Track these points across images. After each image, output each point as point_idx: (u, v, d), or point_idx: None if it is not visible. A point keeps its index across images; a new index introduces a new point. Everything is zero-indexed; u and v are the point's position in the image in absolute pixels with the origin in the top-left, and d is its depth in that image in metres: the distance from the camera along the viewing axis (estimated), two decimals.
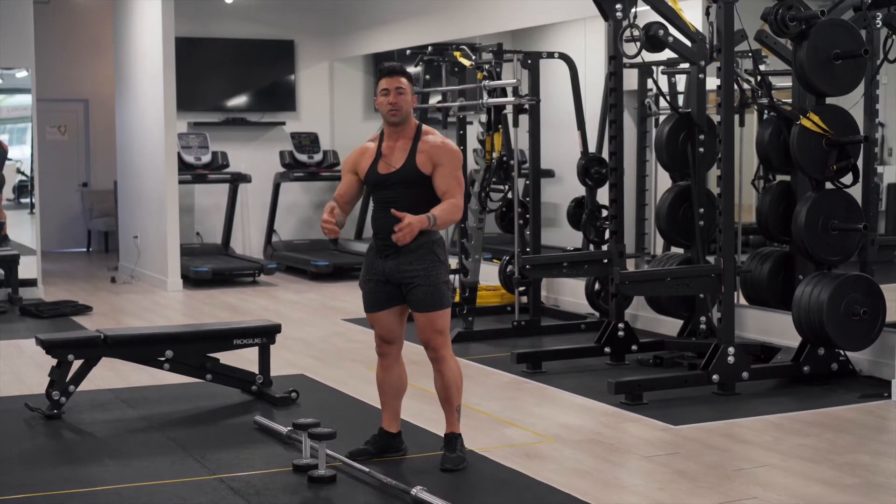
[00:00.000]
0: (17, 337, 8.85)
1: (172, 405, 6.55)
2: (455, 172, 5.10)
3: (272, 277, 12.35)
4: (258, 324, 6.91)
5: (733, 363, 6.57)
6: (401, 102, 5.10)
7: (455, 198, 5.07)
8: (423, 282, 5.06)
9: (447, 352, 5.16)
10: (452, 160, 5.10)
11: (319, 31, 13.82)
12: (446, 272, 5.16)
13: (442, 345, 5.13)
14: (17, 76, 11.49)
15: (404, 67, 5.19)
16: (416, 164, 5.08)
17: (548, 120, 9.23)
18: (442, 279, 5.11)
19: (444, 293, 5.11)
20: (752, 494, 4.83)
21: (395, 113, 5.11)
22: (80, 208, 15.80)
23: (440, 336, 5.12)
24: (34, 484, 5.05)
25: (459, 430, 5.23)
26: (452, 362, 5.17)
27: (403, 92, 5.10)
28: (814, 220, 6.72)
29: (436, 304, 5.09)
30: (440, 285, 5.09)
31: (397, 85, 5.09)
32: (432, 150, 5.10)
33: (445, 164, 5.08)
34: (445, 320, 5.14)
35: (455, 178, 5.09)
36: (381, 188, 5.16)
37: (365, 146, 5.28)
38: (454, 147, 5.17)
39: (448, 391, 5.18)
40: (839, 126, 6.71)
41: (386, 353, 5.26)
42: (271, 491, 4.90)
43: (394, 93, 5.09)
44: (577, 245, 9.58)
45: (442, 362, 5.15)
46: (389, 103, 5.10)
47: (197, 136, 12.72)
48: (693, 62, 7.43)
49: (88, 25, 15.46)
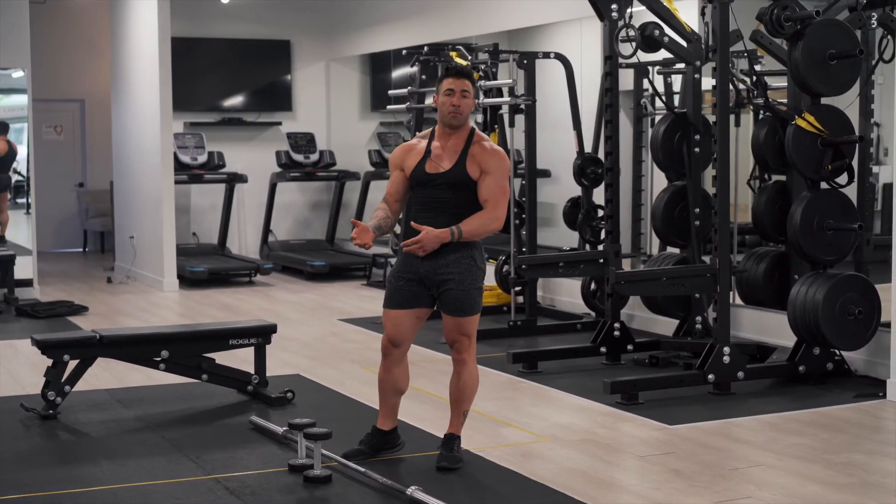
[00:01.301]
0: (12, 337, 8.84)
1: (168, 405, 6.55)
2: (501, 182, 5.09)
3: (268, 277, 12.35)
4: (254, 324, 6.91)
5: (729, 363, 6.58)
6: (464, 106, 5.09)
7: (495, 209, 5.07)
8: (456, 286, 5.06)
9: (469, 356, 5.18)
10: (501, 169, 5.09)
11: (316, 30, 13.82)
12: (481, 279, 5.16)
13: (466, 348, 5.16)
14: (13, 76, 11.49)
15: (472, 71, 5.25)
16: (465, 167, 5.08)
17: (544, 120, 9.23)
18: (476, 285, 5.12)
19: (475, 299, 5.13)
20: (747, 494, 4.83)
21: (457, 115, 5.10)
22: (77, 208, 15.79)
23: (466, 339, 5.15)
24: (30, 484, 5.04)
25: (460, 433, 5.25)
26: (473, 367, 5.20)
27: (468, 95, 5.11)
28: (809, 219, 6.73)
29: (466, 310, 5.10)
30: (473, 291, 5.10)
31: (463, 87, 5.09)
32: (483, 155, 5.09)
33: (493, 173, 5.07)
34: (474, 325, 5.16)
35: (500, 188, 5.08)
36: (425, 187, 5.14)
37: (412, 143, 5.28)
38: (505, 156, 5.16)
39: (462, 393, 5.21)
40: (834, 126, 6.72)
41: (390, 354, 5.24)
42: (267, 491, 4.90)
43: (458, 94, 5.08)
44: (573, 245, 9.59)
45: (462, 364, 5.18)
46: (452, 104, 5.08)
47: (193, 136, 12.72)
48: (689, 62, 7.44)
49: (84, 25, 15.45)
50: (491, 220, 5.06)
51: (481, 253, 5.17)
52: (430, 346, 8.01)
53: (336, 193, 13.59)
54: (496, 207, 5.06)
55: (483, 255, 5.19)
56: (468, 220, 5.03)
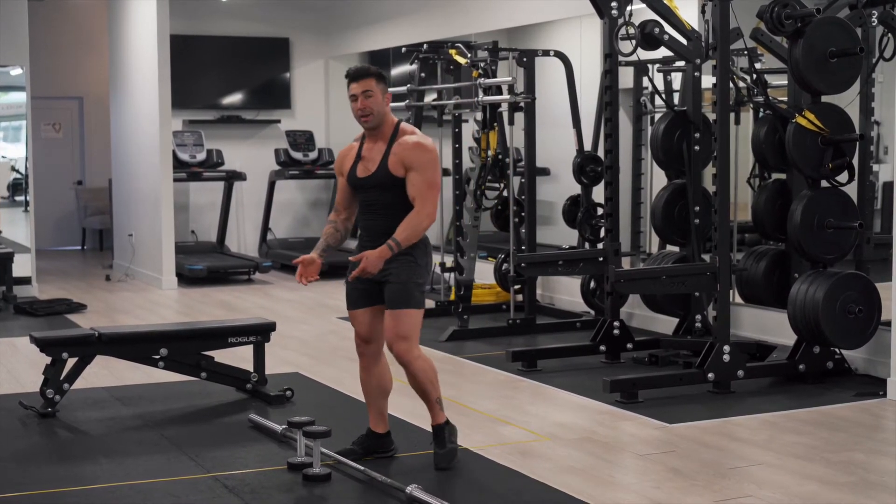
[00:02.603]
0: (11, 335, 8.84)
1: (167, 403, 6.54)
2: (426, 176, 4.98)
3: (267, 275, 12.34)
4: (253, 322, 6.90)
5: (729, 361, 6.57)
6: (371, 105, 5.01)
7: (423, 205, 4.96)
8: (394, 279, 5.01)
9: (411, 356, 5.03)
10: (424, 162, 4.98)
11: (314, 28, 13.80)
12: (421, 275, 5.06)
13: (405, 350, 5.01)
14: (11, 73, 11.47)
15: (371, 68, 5.08)
16: (388, 167, 5.02)
17: (544, 118, 9.21)
18: (414, 280, 5.02)
19: (412, 293, 5.01)
20: (746, 493, 4.82)
21: (367, 118, 5.03)
22: (75, 206, 15.77)
23: (403, 342, 5.01)
24: (28, 482, 5.04)
25: (445, 418, 5.17)
26: (420, 361, 5.06)
27: (372, 94, 5.00)
28: (809, 218, 6.71)
29: (402, 302, 4.99)
30: (409, 284, 5.00)
31: (364, 89, 5.00)
32: (404, 152, 4.99)
33: (416, 168, 4.97)
34: (411, 324, 5.03)
35: (425, 183, 4.97)
36: (360, 191, 5.12)
37: (350, 146, 5.24)
38: (428, 147, 5.03)
39: (423, 388, 5.12)
40: (834, 124, 6.71)
41: (364, 353, 5.21)
42: (266, 489, 4.89)
43: (361, 98, 5.00)
44: (573, 243, 9.58)
45: (408, 366, 5.06)
46: (358, 109, 5.02)
47: (192, 133, 12.70)
48: (689, 60, 7.42)
49: (83, 23, 15.43)
50: (420, 219, 4.95)
51: (424, 251, 5.09)
52: (429, 345, 7.99)
53: (335, 191, 13.55)
54: (424, 204, 4.96)
55: (427, 253, 5.11)
56: (401, 227, 4.96)
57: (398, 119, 5.15)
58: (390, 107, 5.17)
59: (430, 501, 4.58)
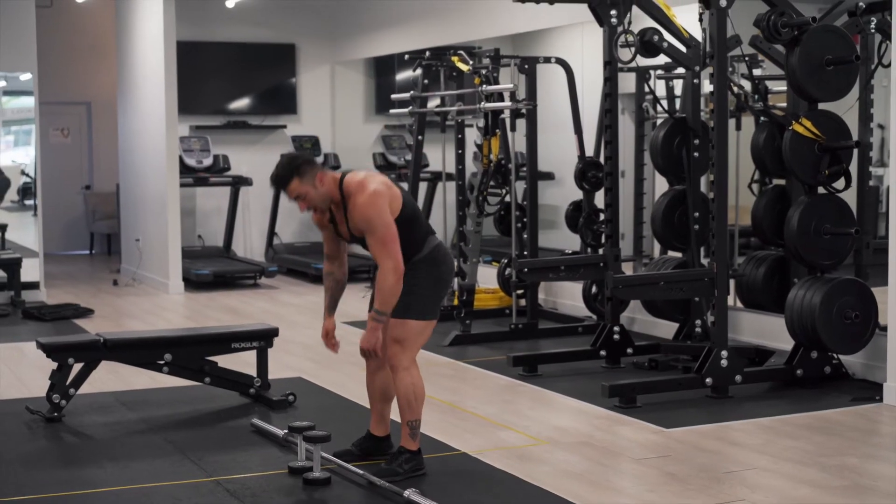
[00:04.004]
0: (18, 340, 8.93)
1: (171, 408, 6.62)
2: (376, 235, 4.93)
3: (273, 280, 12.41)
4: (256, 327, 6.98)
5: (726, 366, 6.63)
6: (310, 201, 5.03)
7: (382, 264, 4.93)
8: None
9: (400, 361, 5.06)
10: (368, 219, 4.93)
11: (320, 34, 13.89)
12: (429, 286, 5.09)
13: (396, 354, 5.06)
14: (20, 79, 11.58)
15: (284, 172, 5.00)
16: (353, 233, 5.09)
17: (548, 123, 9.29)
18: (415, 290, 5.04)
19: (412, 302, 5.04)
20: (740, 496, 4.89)
21: (315, 210, 5.11)
22: (83, 211, 15.88)
23: (396, 345, 5.05)
24: (34, 485, 5.12)
25: (412, 447, 5.14)
26: (406, 375, 5.07)
27: (303, 195, 5.00)
28: (806, 224, 6.78)
29: (399, 311, 5.03)
30: (410, 296, 5.02)
31: (294, 195, 5.02)
32: (356, 219, 5.00)
33: (366, 231, 4.97)
34: (407, 332, 5.05)
35: (377, 243, 4.93)
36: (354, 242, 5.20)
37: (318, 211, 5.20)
38: (368, 200, 4.92)
39: (399, 403, 5.12)
40: (831, 131, 6.77)
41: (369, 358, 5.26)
42: (267, 493, 4.97)
43: (299, 202, 5.05)
44: (576, 248, 9.64)
45: (394, 372, 5.09)
46: (303, 210, 5.10)
47: (198, 139, 12.79)
48: (688, 67, 7.48)
49: (90, 29, 15.54)
50: (385, 278, 4.92)
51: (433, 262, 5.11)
52: (432, 350, 8.07)
53: None
54: (382, 262, 4.93)
55: (437, 263, 5.13)
56: (375, 295, 5.01)
57: (340, 175, 5.08)
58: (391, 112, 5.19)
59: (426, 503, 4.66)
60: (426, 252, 5.12)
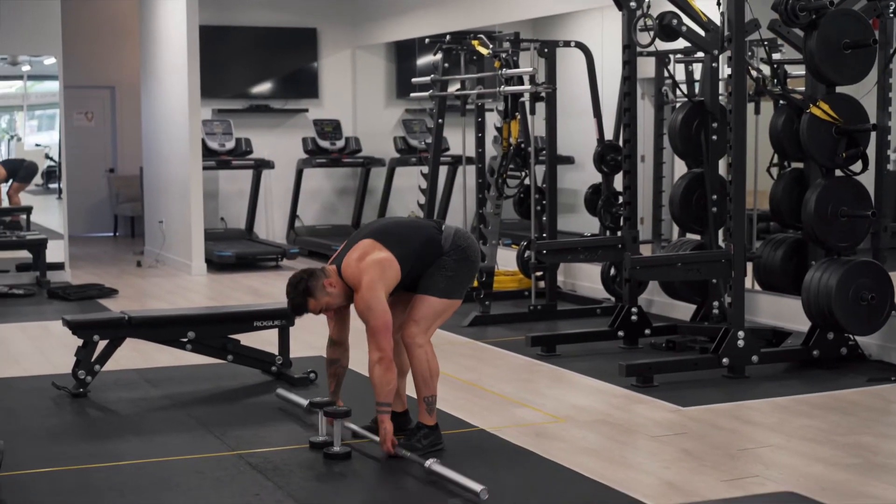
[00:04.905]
0: (44, 318, 9.05)
1: (194, 385, 6.72)
2: (368, 324, 5.02)
3: (294, 262, 12.49)
4: (278, 306, 7.05)
5: (743, 347, 6.69)
6: (331, 306, 5.16)
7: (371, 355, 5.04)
8: (426, 271, 5.17)
9: (416, 337, 5.13)
10: (365, 315, 5.02)
11: (342, 18, 13.95)
12: (455, 268, 5.16)
13: (410, 334, 5.13)
14: (45, 63, 11.69)
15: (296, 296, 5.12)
16: None
17: (569, 107, 9.33)
18: (442, 272, 5.14)
19: (436, 281, 5.13)
20: (754, 473, 4.96)
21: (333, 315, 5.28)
22: (107, 193, 16.02)
23: (413, 325, 5.13)
24: (60, 458, 5.23)
25: (429, 422, 5.24)
26: (421, 352, 5.15)
27: (323, 306, 5.14)
28: (823, 207, 6.82)
29: (423, 288, 5.13)
30: (436, 276, 5.13)
31: (316, 310, 5.16)
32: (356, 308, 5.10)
33: (362, 319, 5.06)
34: (426, 307, 5.15)
35: (369, 332, 5.03)
36: None
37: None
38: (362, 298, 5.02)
39: (414, 380, 5.23)
40: (849, 114, 6.80)
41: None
42: (288, 467, 5.06)
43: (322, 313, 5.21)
44: (594, 231, 9.70)
45: (409, 349, 5.17)
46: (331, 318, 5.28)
47: (221, 122, 12.88)
48: (706, 51, 7.52)
49: (115, 13, 15.65)
50: (372, 374, 5.05)
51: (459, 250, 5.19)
52: (452, 330, 8.15)
53: (362, 180, 13.74)
54: (371, 355, 5.04)
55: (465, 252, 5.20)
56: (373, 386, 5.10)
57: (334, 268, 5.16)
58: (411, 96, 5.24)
59: (449, 474, 4.74)
60: (448, 246, 5.20)
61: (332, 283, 5.13)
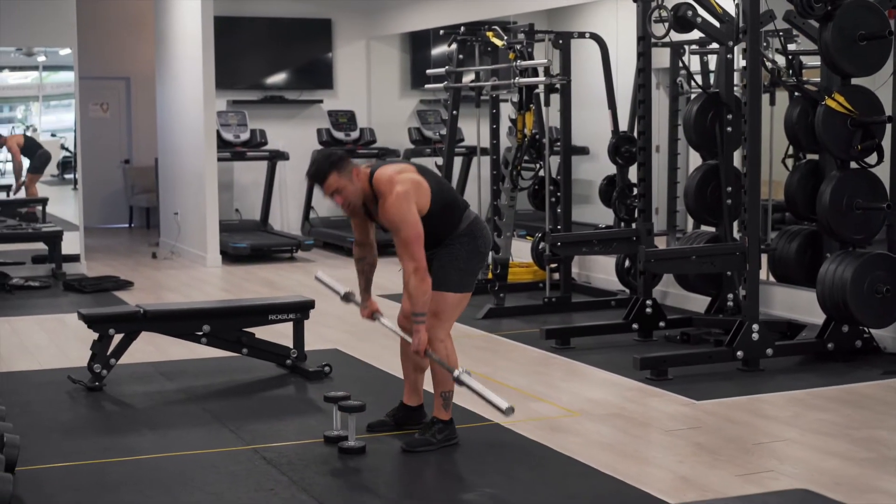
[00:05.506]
0: (60, 311, 9.08)
1: (209, 378, 6.74)
2: (400, 236, 4.97)
3: (309, 253, 12.53)
4: (293, 300, 7.09)
5: (758, 340, 6.67)
6: (347, 196, 5.08)
7: (405, 266, 4.98)
8: (436, 262, 5.16)
9: (435, 335, 5.13)
10: (393, 221, 4.98)
11: (356, 9, 13.94)
12: (465, 259, 5.16)
13: (432, 326, 5.12)
14: (60, 54, 11.72)
15: (323, 167, 5.06)
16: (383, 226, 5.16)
17: (584, 98, 9.31)
18: (455, 264, 5.14)
19: (449, 275, 5.13)
20: (768, 467, 4.96)
21: (350, 207, 5.16)
22: (122, 185, 16.05)
23: (433, 318, 5.12)
24: (76, 452, 5.26)
25: (444, 417, 5.25)
26: (441, 347, 5.16)
27: (341, 189, 5.06)
28: (838, 199, 6.80)
29: (436, 283, 5.11)
30: (447, 268, 5.13)
31: (332, 190, 5.07)
32: (383, 217, 5.05)
33: (391, 229, 5.02)
34: (443, 303, 5.14)
35: (403, 246, 4.97)
36: None
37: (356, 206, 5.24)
38: (396, 205, 4.97)
39: (433, 375, 5.25)
40: (864, 106, 6.78)
41: (406, 328, 5.36)
42: (302, 461, 5.08)
43: (335, 196, 5.10)
44: (609, 222, 9.69)
45: (430, 344, 5.15)
46: (340, 205, 5.14)
47: (236, 113, 12.90)
48: (721, 42, 7.50)
49: (130, 4, 15.65)
50: (408, 284, 4.99)
51: (472, 236, 5.17)
52: (466, 322, 8.15)
53: None
54: (405, 267, 4.98)
55: (475, 237, 5.19)
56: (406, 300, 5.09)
57: (369, 170, 5.13)
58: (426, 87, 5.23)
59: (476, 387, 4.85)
60: (463, 227, 5.21)
61: (359, 177, 5.08)
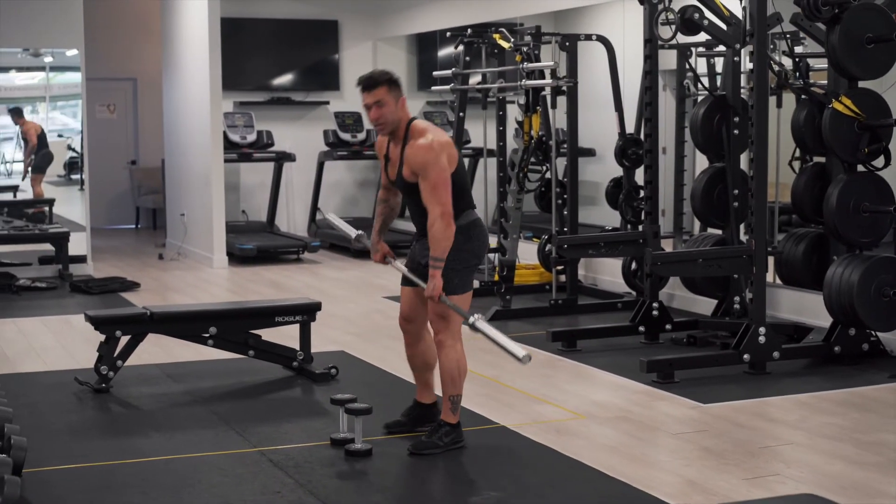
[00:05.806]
0: (67, 312, 9.09)
1: (215, 380, 6.75)
2: (429, 180, 5.00)
3: (316, 255, 12.53)
4: (299, 301, 7.09)
5: (764, 343, 6.67)
6: (385, 114, 5.08)
7: (432, 210, 5.00)
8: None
9: (446, 338, 5.17)
10: (426, 166, 5.00)
11: (363, 11, 13.95)
12: (462, 260, 5.16)
13: (441, 330, 5.16)
14: (67, 55, 11.74)
15: (381, 76, 5.12)
16: (403, 176, 5.14)
17: (590, 100, 9.30)
18: (453, 266, 5.11)
19: (449, 279, 5.11)
20: (775, 471, 4.95)
21: (381, 127, 5.13)
22: (129, 186, 16.07)
23: (441, 321, 5.15)
24: (82, 454, 5.26)
25: (452, 420, 5.25)
26: (452, 351, 5.18)
27: (383, 103, 5.07)
28: (845, 202, 6.79)
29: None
30: (448, 270, 5.10)
31: (376, 99, 5.07)
32: (412, 159, 5.05)
33: (421, 175, 5.02)
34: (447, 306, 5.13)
35: (429, 188, 5.00)
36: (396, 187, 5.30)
37: (383, 141, 5.31)
38: (431, 147, 5.02)
39: (442, 378, 5.24)
40: (871, 109, 6.77)
41: (406, 331, 5.41)
42: (309, 463, 5.08)
43: (374, 108, 5.08)
44: (616, 224, 9.68)
45: (440, 348, 5.20)
46: (372, 119, 5.11)
47: (242, 115, 12.91)
48: (728, 45, 7.49)
49: (137, 6, 15.68)
50: (433, 223, 5.00)
51: (468, 235, 5.17)
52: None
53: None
54: (432, 208, 5.00)
55: (471, 237, 5.19)
56: (429, 241, 5.07)
57: (412, 117, 5.19)
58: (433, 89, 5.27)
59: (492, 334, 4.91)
60: (462, 223, 5.17)
61: (402, 108, 5.12)
